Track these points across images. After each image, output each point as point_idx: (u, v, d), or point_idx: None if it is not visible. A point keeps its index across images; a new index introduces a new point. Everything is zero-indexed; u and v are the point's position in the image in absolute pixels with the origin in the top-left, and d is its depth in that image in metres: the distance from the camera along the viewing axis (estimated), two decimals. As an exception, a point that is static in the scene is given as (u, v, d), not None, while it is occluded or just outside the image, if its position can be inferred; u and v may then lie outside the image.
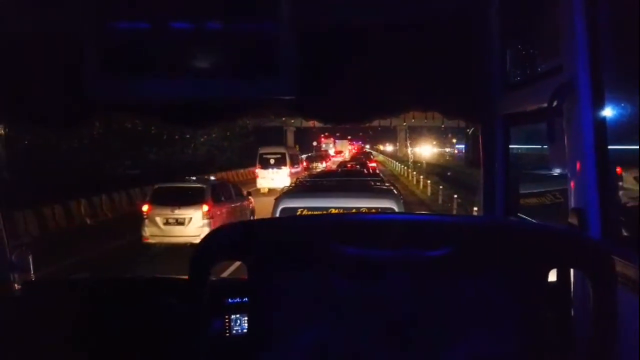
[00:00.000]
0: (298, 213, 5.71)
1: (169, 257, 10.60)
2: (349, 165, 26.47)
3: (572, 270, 1.28)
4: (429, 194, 22.77)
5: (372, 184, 7.73)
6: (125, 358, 2.10)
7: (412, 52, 2.00)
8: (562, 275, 1.29)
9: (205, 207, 11.60)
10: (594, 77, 1.28)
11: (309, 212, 5.69)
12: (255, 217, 12.36)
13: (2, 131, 2.30)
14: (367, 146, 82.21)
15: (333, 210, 5.68)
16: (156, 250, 11.54)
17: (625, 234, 1.33)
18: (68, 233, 14.17)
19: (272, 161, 24.41)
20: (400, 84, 2.03)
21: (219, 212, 11.97)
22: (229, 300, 2.18)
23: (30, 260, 2.34)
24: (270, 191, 20.40)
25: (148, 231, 11.58)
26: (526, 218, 2.11)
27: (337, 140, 69.68)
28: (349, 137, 77.55)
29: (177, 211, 11.53)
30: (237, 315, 2.19)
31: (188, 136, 31.57)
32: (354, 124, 2.24)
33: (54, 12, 1.88)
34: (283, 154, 25.09)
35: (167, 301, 2.15)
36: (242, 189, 14.98)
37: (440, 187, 21.57)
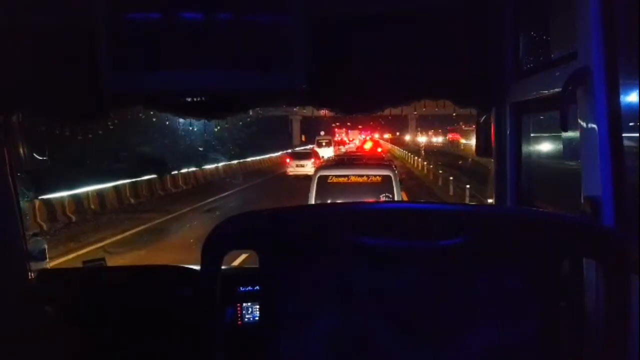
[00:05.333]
0: (329, 179, 9.35)
1: (295, 180, 23.06)
2: (365, 149, 39.12)
3: (584, 259, 1.28)
4: (451, 193, 19.83)
5: (377, 161, 11.89)
6: (137, 346, 2.13)
7: (423, 39, 1.98)
8: (575, 264, 1.29)
9: (313, 160, 25.73)
10: (609, 63, 1.26)
11: (337, 178, 9.33)
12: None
13: (17, 122, 2.31)
14: (387, 135, 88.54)
15: (352, 177, 9.29)
16: (291, 178, 24.76)
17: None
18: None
19: (324, 143, 40.95)
20: (412, 73, 2.01)
21: (317, 162, 23.04)
22: (241, 288, 2.20)
23: (46, 248, 2.38)
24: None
25: (289, 170, 26.65)
26: (539, 207, 2.10)
27: (349, 131, 79.14)
28: (360, 127, 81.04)
29: (301, 161, 26.63)
30: (249, 304, 2.21)
31: (181, 127, 30.65)
32: (366, 113, 2.23)
33: (66, 6, 1.89)
34: (330, 140, 44.72)
35: (180, 290, 2.17)
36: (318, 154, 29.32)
37: (468, 186, 17.70)
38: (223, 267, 0.87)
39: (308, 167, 23.86)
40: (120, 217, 16.45)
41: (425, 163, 30.43)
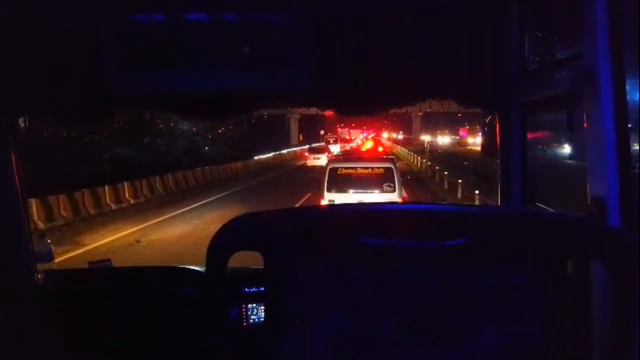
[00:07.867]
0: (339, 170, 10.61)
1: (311, 169, 28.96)
2: (369, 146, 43.67)
3: (590, 260, 1.27)
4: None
5: (380, 156, 15.96)
6: (142, 347, 2.14)
7: (429, 40, 1.98)
8: (581, 265, 1.28)
9: (327, 154, 31.30)
10: (615, 63, 1.26)
11: (345, 170, 10.60)
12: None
13: (23, 124, 2.33)
14: (396, 134, 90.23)
15: (359, 169, 10.53)
16: (308, 168, 30.80)
17: None
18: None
19: (331, 141, 47.81)
20: (417, 73, 2.01)
21: (329, 155, 27.20)
22: (246, 289, 2.20)
23: (52, 249, 2.39)
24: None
25: (307, 162, 34.07)
26: (544, 207, 2.09)
27: (351, 130, 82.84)
28: (364, 127, 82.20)
29: (318, 154, 33.82)
30: (254, 305, 2.21)
31: (162, 126, 28.79)
32: (371, 114, 2.23)
33: (72, 7, 1.90)
34: (337, 138, 53.21)
35: (185, 291, 2.18)
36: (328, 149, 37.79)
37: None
38: (228, 267, 0.87)
39: (322, 160, 28.70)
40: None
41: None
